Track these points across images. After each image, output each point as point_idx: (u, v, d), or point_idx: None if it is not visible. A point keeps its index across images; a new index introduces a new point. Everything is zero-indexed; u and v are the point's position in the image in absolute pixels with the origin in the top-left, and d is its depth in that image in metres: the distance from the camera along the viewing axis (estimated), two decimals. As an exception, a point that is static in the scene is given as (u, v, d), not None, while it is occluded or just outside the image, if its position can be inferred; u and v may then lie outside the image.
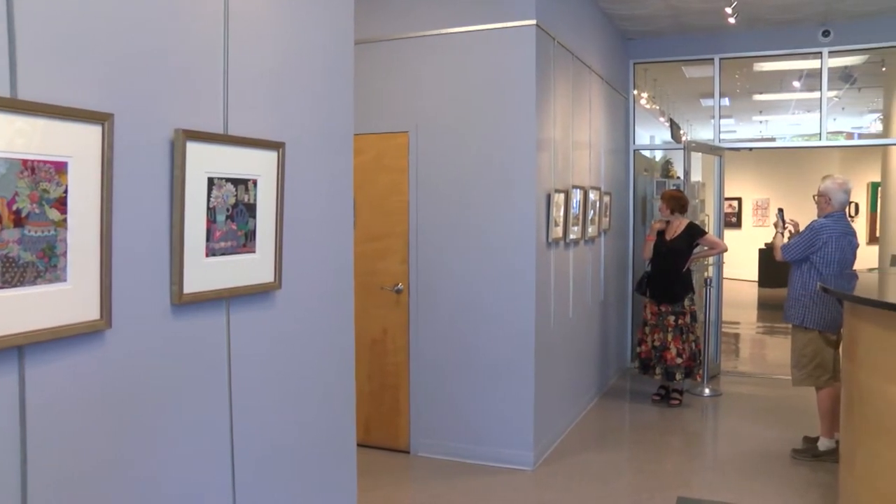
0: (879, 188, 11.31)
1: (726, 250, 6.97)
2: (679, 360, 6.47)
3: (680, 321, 6.48)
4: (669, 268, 6.50)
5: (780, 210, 5.74)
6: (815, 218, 5.17)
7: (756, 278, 15.94)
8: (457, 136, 5.11)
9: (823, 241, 4.99)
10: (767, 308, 13.92)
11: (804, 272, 5.10)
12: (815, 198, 5.21)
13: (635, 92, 8.16)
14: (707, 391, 6.98)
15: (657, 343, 6.54)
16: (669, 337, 6.49)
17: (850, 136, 14.09)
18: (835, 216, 5.08)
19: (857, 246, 5.12)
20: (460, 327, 5.15)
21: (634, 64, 8.03)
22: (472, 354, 5.13)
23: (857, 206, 14.44)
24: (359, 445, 3.17)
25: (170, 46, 2.04)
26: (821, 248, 5.00)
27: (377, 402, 5.44)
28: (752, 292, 15.36)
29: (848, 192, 5.14)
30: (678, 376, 6.54)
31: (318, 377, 2.77)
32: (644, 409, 6.58)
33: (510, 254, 5.00)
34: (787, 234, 5.52)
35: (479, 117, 5.06)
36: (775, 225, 5.64)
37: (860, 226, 13.92)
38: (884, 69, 9.49)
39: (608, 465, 5.22)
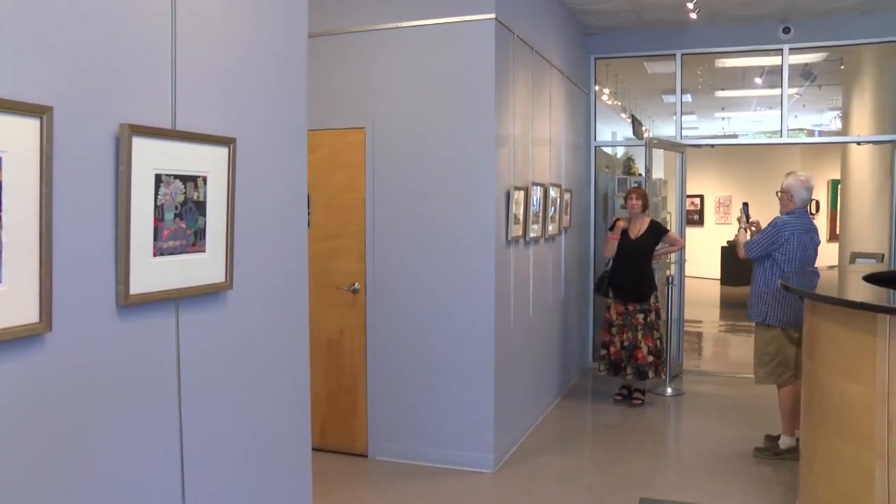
0: (839, 186, 11.57)
1: (684, 247, 7.12)
2: (650, 359, 6.56)
3: (648, 319, 6.57)
4: (638, 266, 6.58)
5: (745, 204, 5.79)
6: (778, 214, 5.27)
7: (718, 276, 16.19)
8: (414, 132, 5.11)
9: (785, 237, 5.09)
10: (730, 306, 14.14)
11: (766, 269, 5.20)
12: (778, 194, 5.31)
13: (596, 88, 8.23)
14: (669, 390, 7.07)
15: (626, 343, 6.59)
16: (640, 336, 6.56)
17: (810, 133, 14.38)
18: (797, 213, 5.19)
19: (818, 243, 5.24)
20: (418, 327, 5.15)
21: (595, 59, 8.10)
22: (431, 355, 5.14)
23: (817, 203, 14.75)
24: (315, 449, 3.16)
25: (114, 37, 2.01)
26: (783, 245, 5.10)
27: (333, 404, 5.41)
28: (714, 290, 15.60)
29: (810, 190, 5.26)
30: (650, 375, 6.64)
31: (272, 379, 2.75)
32: (606, 410, 6.64)
33: (469, 252, 5.02)
34: (749, 232, 5.60)
35: (436, 113, 5.06)
36: (739, 220, 5.71)
37: (821, 223, 14.22)
38: (842, 67, 9.71)
39: (570, 466, 5.27)
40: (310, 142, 3.03)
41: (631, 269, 6.57)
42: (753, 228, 5.59)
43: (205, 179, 2.31)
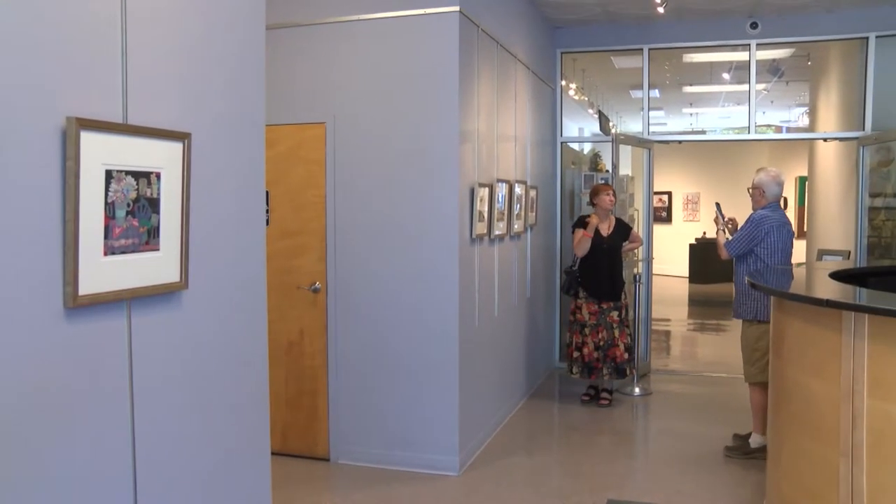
0: (807, 182, 11.78)
1: (642, 244, 7.35)
2: (626, 356, 6.64)
3: (622, 315, 6.65)
4: (613, 264, 6.65)
5: (718, 204, 5.83)
6: (752, 211, 5.36)
7: (687, 274, 16.38)
8: (376, 127, 5.10)
9: (765, 231, 5.19)
10: (698, 304, 14.31)
11: (749, 266, 5.27)
12: (750, 190, 5.40)
13: (563, 82, 8.28)
14: (637, 390, 7.14)
15: (602, 343, 6.61)
16: (616, 333, 6.61)
17: (778, 129, 14.63)
18: (771, 206, 5.30)
19: (793, 235, 5.36)
20: (381, 328, 5.15)
21: (562, 53, 8.14)
22: (394, 356, 5.13)
23: (785, 200, 14.97)
24: (275, 454, 3.15)
25: (60, 24, 1.97)
26: (763, 240, 5.19)
27: (294, 407, 5.39)
28: (682, 288, 15.78)
29: (781, 185, 5.37)
30: (628, 372, 6.72)
31: (230, 382, 2.72)
32: (573, 410, 6.69)
33: (432, 250, 5.02)
34: (726, 231, 5.64)
35: (399, 108, 5.06)
36: (715, 221, 5.75)
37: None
38: (809, 63, 9.88)
39: (537, 468, 5.30)
40: (269, 137, 3.02)
41: (605, 267, 6.62)
42: (731, 226, 5.64)
43: (158, 175, 2.29)
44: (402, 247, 5.08)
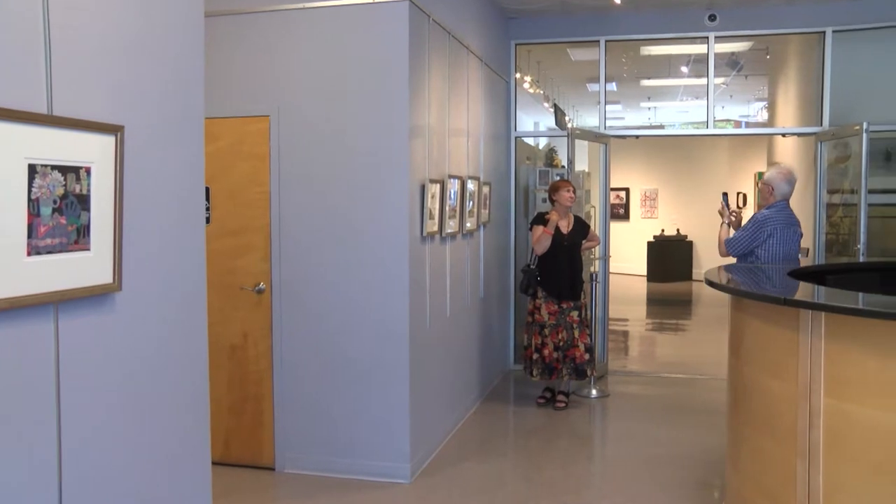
0: (766, 178, 11.98)
1: (599, 243, 7.45)
2: (587, 356, 6.68)
3: (582, 315, 6.70)
4: (574, 263, 6.70)
5: (725, 195, 5.78)
6: (758, 208, 5.36)
7: (644, 272, 16.57)
8: (323, 121, 5.07)
9: (767, 233, 5.15)
10: (657, 303, 14.50)
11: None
12: (759, 186, 5.37)
13: (517, 75, 8.31)
14: (594, 392, 7.20)
15: (561, 343, 6.64)
16: (576, 333, 6.65)
17: (737, 124, 14.89)
18: (778, 206, 5.24)
19: (801, 235, 5.32)
20: (328, 330, 5.12)
21: (516, 45, 8.18)
22: (342, 359, 5.11)
23: (745, 196, 15.23)
24: (218, 464, 3.11)
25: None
26: (765, 241, 5.16)
27: (237, 414, 5.33)
28: (640, 287, 15.96)
29: (792, 183, 5.31)
30: (589, 373, 6.76)
31: (167, 389, 2.68)
32: (529, 413, 6.72)
33: (381, 249, 5.00)
34: (731, 225, 5.60)
35: (346, 101, 5.03)
36: (720, 213, 5.68)
37: (748, 217, 14.64)
38: (768, 57, 10.06)
39: (492, 474, 5.31)
40: (209, 131, 2.98)
41: (566, 266, 6.65)
42: (734, 217, 5.59)
43: (88, 171, 2.24)
44: (351, 246, 5.06)
